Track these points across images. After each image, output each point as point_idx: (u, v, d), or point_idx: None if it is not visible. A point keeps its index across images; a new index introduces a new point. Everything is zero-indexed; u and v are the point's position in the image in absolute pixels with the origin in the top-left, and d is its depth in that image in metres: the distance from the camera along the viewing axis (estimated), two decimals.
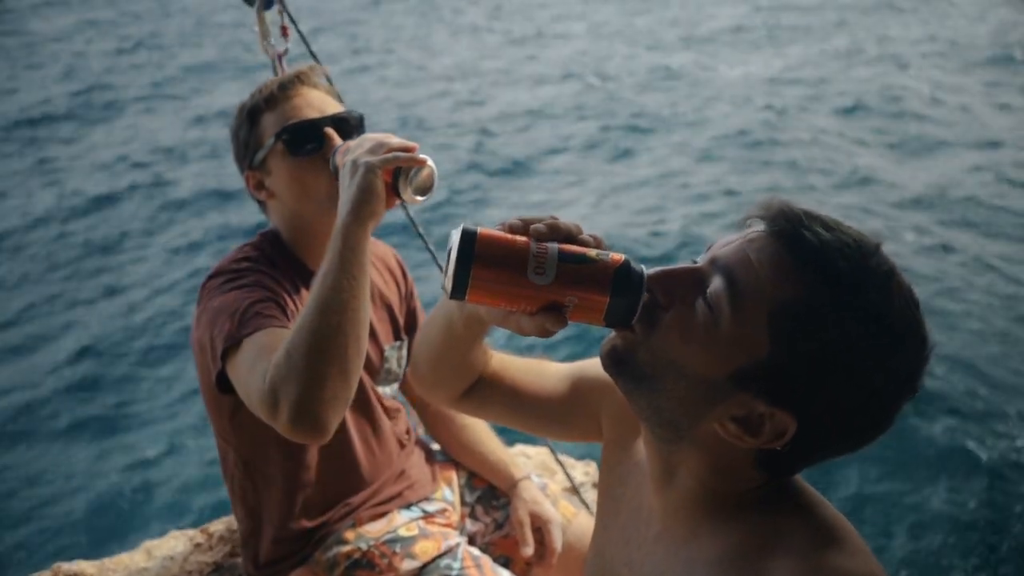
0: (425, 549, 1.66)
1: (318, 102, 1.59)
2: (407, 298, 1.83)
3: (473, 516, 1.88)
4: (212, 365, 1.45)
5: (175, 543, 2.10)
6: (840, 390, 0.83)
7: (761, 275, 0.83)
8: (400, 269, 1.85)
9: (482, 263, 0.82)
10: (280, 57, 1.93)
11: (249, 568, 1.72)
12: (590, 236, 0.87)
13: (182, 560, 2.01)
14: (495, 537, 1.85)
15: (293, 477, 1.64)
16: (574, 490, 2.22)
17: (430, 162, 1.32)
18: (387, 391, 1.77)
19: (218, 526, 2.10)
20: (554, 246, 0.83)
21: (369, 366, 1.69)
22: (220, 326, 1.43)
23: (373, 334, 1.70)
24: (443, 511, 1.79)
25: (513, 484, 1.85)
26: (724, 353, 0.84)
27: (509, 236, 0.84)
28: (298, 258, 1.63)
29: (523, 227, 0.85)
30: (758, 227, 0.87)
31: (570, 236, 0.86)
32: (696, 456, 0.91)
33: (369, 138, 1.37)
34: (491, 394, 1.19)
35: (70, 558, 2.06)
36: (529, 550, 1.77)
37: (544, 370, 1.21)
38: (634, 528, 1.03)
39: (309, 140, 1.54)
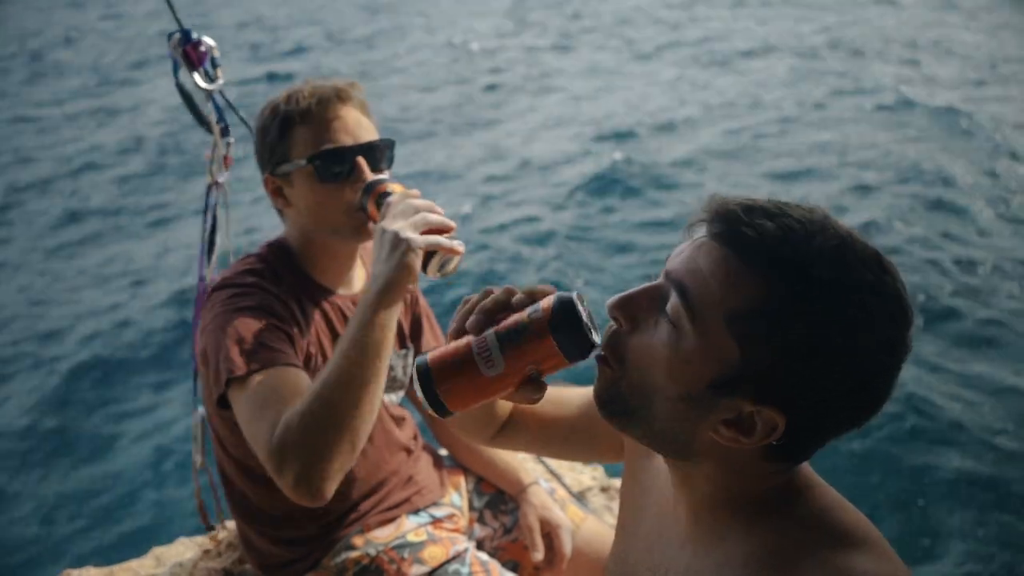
0: (434, 554, 1.65)
1: (353, 125, 1.56)
2: (412, 305, 1.83)
3: (482, 521, 1.87)
4: (214, 386, 1.45)
5: (184, 549, 2.10)
6: (820, 375, 0.81)
7: (711, 282, 0.83)
8: None
9: (443, 383, 0.89)
10: (214, 185, 1.86)
11: (256, 572, 1.73)
12: (523, 293, 0.90)
13: (191, 566, 2.01)
14: (504, 542, 1.85)
15: None
16: (575, 498, 2.22)
17: (462, 249, 1.35)
18: (393, 399, 1.77)
19: (227, 532, 2.10)
20: (491, 334, 0.88)
21: None
22: (225, 352, 1.43)
23: None
24: (451, 516, 1.79)
25: (522, 489, 1.85)
26: (696, 367, 0.84)
27: (452, 347, 0.90)
28: (305, 271, 1.63)
29: (462, 327, 0.91)
30: (702, 231, 0.86)
31: (507, 306, 0.90)
32: (707, 464, 0.91)
33: (411, 205, 1.37)
34: (520, 432, 1.23)
35: (79, 564, 2.06)
36: (539, 555, 1.77)
37: (564, 398, 1.23)
38: (658, 534, 1.03)
39: (339, 167, 1.53)
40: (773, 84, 10.64)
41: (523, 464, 1.92)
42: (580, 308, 0.87)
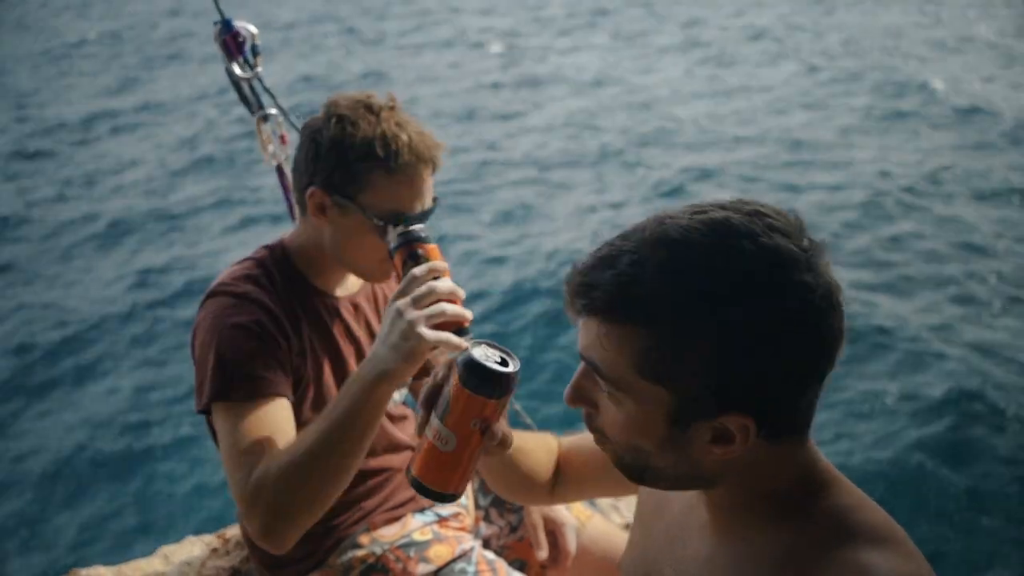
0: (439, 553, 1.66)
1: (426, 193, 1.54)
2: None
3: (487, 519, 1.88)
4: (198, 398, 1.48)
5: (192, 548, 2.11)
6: (744, 368, 0.81)
7: (606, 352, 0.85)
8: None
9: (429, 480, 1.01)
10: (280, 167, 1.94)
11: (262, 570, 1.73)
12: (444, 367, 1.02)
13: (199, 565, 2.02)
14: (510, 540, 1.85)
15: None
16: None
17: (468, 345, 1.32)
18: (396, 398, 1.77)
19: (235, 531, 2.11)
20: (434, 418, 0.99)
21: None
22: (212, 372, 1.44)
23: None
24: (457, 515, 1.79)
25: None
26: (648, 420, 0.87)
27: (421, 449, 1.01)
28: (302, 274, 1.62)
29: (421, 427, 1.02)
30: (577, 314, 0.88)
31: (439, 387, 1.01)
32: (729, 478, 0.92)
33: (432, 290, 1.33)
34: (569, 484, 1.29)
35: (87, 563, 2.08)
36: (543, 553, 1.78)
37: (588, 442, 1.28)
38: (679, 530, 1.04)
39: (393, 226, 1.51)
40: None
41: None
42: (482, 355, 0.96)
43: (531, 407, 2.43)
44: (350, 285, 1.70)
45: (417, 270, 1.36)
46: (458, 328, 1.34)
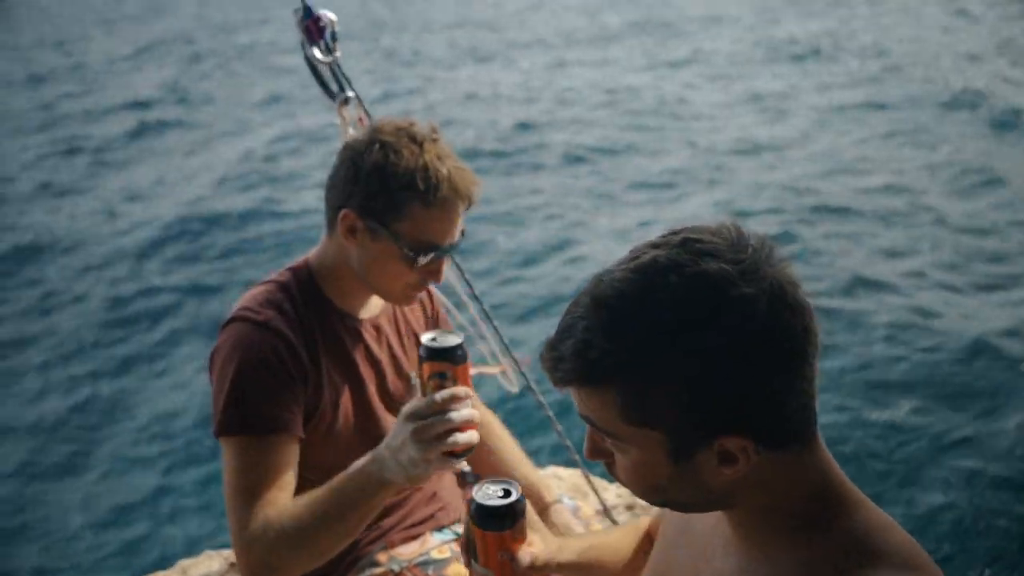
0: (458, 571, 1.65)
1: (458, 228, 1.57)
2: (432, 322, 1.84)
3: None
4: (213, 422, 1.53)
5: (210, 562, 2.12)
6: (720, 391, 0.83)
7: (594, 411, 0.90)
8: (427, 292, 1.84)
9: None
10: None
11: None
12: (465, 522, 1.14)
13: None
14: None
15: None
16: (606, 512, 2.21)
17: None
18: None
19: None
20: (474, 564, 1.14)
21: (392, 400, 1.70)
22: (226, 402, 1.49)
23: (398, 365, 1.72)
24: None
25: (544, 508, 1.84)
26: (653, 460, 0.90)
27: None
28: (325, 296, 1.63)
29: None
30: (556, 384, 0.92)
31: (468, 538, 1.14)
32: (746, 496, 0.92)
33: (448, 424, 1.33)
34: None
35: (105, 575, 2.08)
36: None
37: (619, 543, 1.34)
38: (703, 548, 1.04)
39: (425, 258, 1.54)
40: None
41: (544, 481, 1.92)
42: (484, 495, 1.11)
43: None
44: (372, 307, 1.71)
45: (440, 396, 1.34)
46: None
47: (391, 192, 1.50)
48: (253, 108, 12.40)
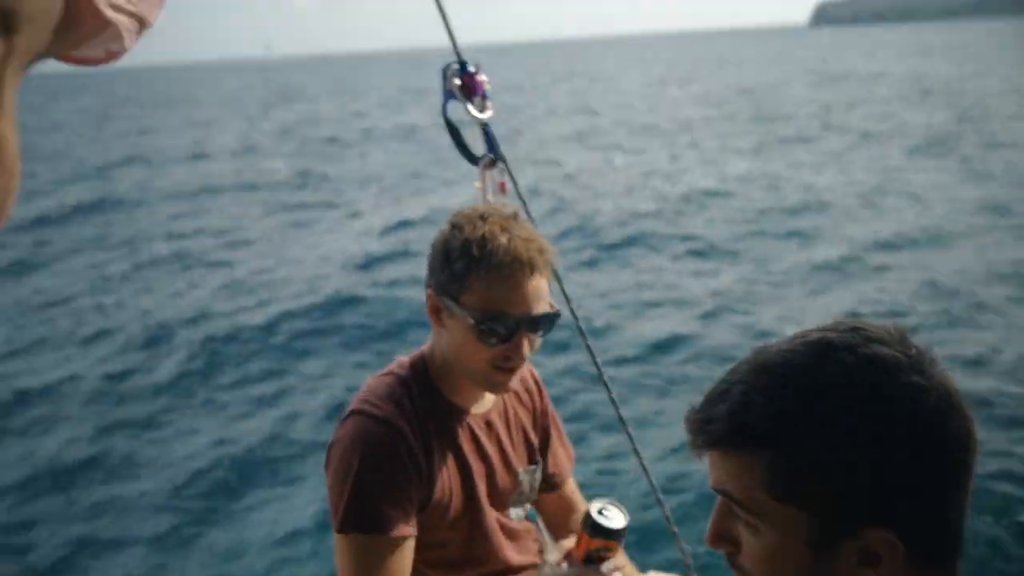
0: None
1: (532, 296, 1.54)
2: (540, 417, 1.83)
3: None
4: (332, 519, 1.55)
5: None
6: (874, 476, 0.80)
7: (738, 480, 0.87)
8: (536, 386, 1.83)
9: None
10: None
11: None
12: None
13: None
14: None
15: None
16: None
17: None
18: (518, 512, 1.79)
19: None
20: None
21: (499, 496, 1.71)
22: (347, 500, 1.51)
23: (506, 460, 1.72)
24: None
25: None
26: (790, 546, 0.86)
27: None
28: (439, 390, 1.64)
29: None
30: (700, 450, 0.90)
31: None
32: None
33: None
34: None
35: None
36: None
37: None
38: None
39: (500, 333, 1.53)
40: None
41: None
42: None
43: None
44: (485, 402, 1.72)
45: (605, 567, 1.63)
46: None
47: (452, 264, 1.53)
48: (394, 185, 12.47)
